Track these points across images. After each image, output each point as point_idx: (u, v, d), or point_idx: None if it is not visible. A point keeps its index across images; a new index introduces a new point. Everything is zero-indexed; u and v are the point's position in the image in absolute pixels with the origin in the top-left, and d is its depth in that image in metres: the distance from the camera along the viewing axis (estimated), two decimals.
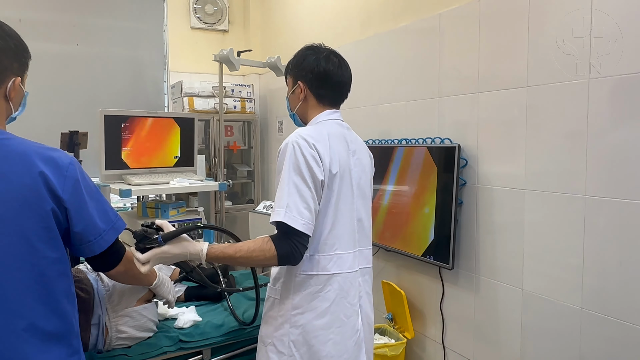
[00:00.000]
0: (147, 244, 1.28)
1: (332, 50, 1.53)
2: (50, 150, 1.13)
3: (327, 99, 1.51)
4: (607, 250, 1.59)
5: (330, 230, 1.39)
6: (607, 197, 1.57)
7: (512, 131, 1.90)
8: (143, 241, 1.28)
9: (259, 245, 1.29)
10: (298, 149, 1.33)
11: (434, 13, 2.27)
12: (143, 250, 1.28)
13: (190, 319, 1.68)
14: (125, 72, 3.91)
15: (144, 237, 1.29)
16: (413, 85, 2.41)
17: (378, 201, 2.52)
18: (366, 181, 1.53)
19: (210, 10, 4.11)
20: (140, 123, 2.49)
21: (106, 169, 2.40)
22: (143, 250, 1.28)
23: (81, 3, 3.71)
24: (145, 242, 1.28)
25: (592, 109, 1.61)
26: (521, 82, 1.85)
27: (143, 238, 1.29)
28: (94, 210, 1.17)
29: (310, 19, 3.41)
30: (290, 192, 1.30)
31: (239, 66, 3.10)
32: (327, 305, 1.38)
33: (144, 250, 1.28)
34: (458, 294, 2.19)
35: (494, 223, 2.00)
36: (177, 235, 1.30)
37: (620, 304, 1.55)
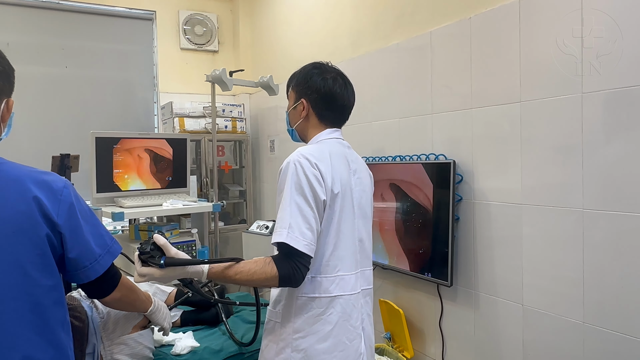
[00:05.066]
0: (149, 261, 1.25)
1: (339, 71, 1.52)
2: (44, 174, 1.10)
3: (330, 120, 1.50)
4: (606, 263, 1.58)
5: (332, 251, 1.36)
6: (604, 210, 1.58)
7: (507, 146, 1.91)
8: (145, 256, 1.25)
9: (260, 267, 1.26)
10: (300, 168, 1.31)
11: (424, 31, 2.30)
12: (144, 262, 1.25)
13: (188, 345, 1.63)
14: (115, 94, 3.89)
15: (148, 253, 1.26)
16: (406, 102, 2.42)
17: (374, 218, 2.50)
18: (367, 201, 1.52)
19: (199, 31, 4.13)
20: (132, 145, 2.47)
21: (98, 192, 2.36)
22: (144, 262, 1.25)
23: (70, 26, 3.71)
24: (148, 258, 1.25)
25: (585, 122, 1.62)
26: (514, 97, 1.87)
27: (147, 254, 1.25)
28: (89, 235, 1.14)
29: (300, 39, 3.44)
30: (293, 213, 1.28)
31: (232, 86, 3.10)
32: (330, 328, 1.35)
33: (144, 263, 1.25)
34: (457, 311, 2.17)
35: (492, 238, 1.99)
36: (180, 265, 1.27)
37: (622, 318, 1.55)
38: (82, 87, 3.72)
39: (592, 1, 1.59)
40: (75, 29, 3.72)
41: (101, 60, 3.82)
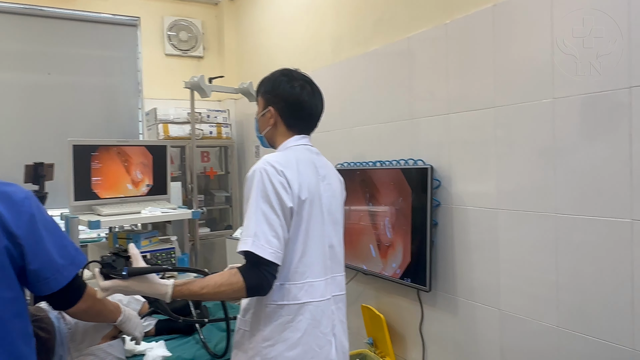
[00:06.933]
0: (111, 273, 1.23)
1: (307, 78, 1.51)
2: (5, 185, 1.09)
3: (298, 127, 1.49)
4: (579, 268, 1.59)
5: (300, 257, 1.35)
6: (577, 215, 1.58)
7: (483, 151, 1.91)
8: (107, 268, 1.23)
9: (226, 279, 1.24)
10: (266, 175, 1.31)
11: (403, 37, 2.31)
12: (106, 276, 1.23)
13: (159, 355, 1.61)
14: (99, 100, 3.87)
15: (110, 265, 1.24)
16: (385, 107, 2.43)
17: (355, 224, 2.50)
18: (337, 206, 1.51)
19: (184, 37, 4.12)
20: (111, 152, 2.45)
21: (75, 200, 2.34)
22: (106, 277, 1.23)
23: (53, 32, 3.69)
24: (109, 270, 1.23)
25: (557, 128, 1.63)
26: (489, 102, 1.88)
27: (108, 266, 1.23)
28: (51, 245, 1.12)
29: (284, 44, 3.44)
30: (258, 221, 1.27)
31: (211, 93, 3.09)
32: (299, 335, 1.34)
33: (106, 277, 1.23)
34: (437, 316, 2.17)
35: (470, 243, 1.99)
36: (143, 273, 1.25)
37: (595, 322, 1.55)
38: (65, 94, 3.70)
39: (563, 7, 1.60)
40: (58, 36, 3.70)
41: (85, 67, 3.80)
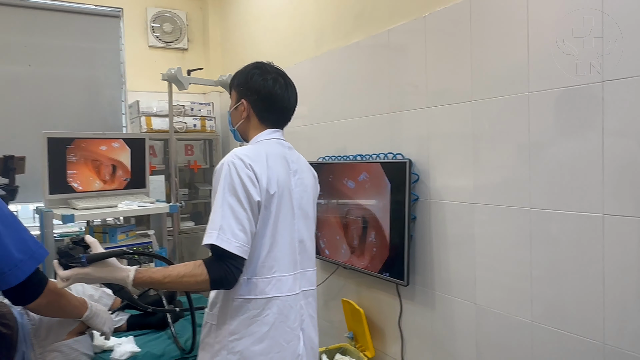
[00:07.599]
0: (69, 262, 1.20)
1: (280, 71, 1.49)
2: None
3: (270, 121, 1.48)
4: (553, 263, 1.58)
5: (268, 252, 1.34)
6: (551, 210, 1.58)
7: (460, 146, 1.90)
8: (65, 258, 1.20)
9: (190, 270, 1.23)
10: (233, 168, 1.29)
11: (383, 29, 2.28)
12: (65, 266, 1.20)
13: (128, 350, 1.59)
14: (81, 92, 3.81)
15: (67, 254, 1.21)
16: (366, 100, 2.41)
17: (334, 218, 2.49)
18: (308, 201, 1.50)
19: (168, 29, 4.07)
20: (88, 145, 2.41)
21: (50, 194, 2.30)
22: (65, 267, 1.20)
23: (33, 23, 3.62)
24: (68, 259, 1.20)
25: (532, 122, 1.62)
26: (465, 96, 1.86)
27: (66, 255, 1.21)
28: (9, 239, 1.10)
29: (268, 36, 3.40)
30: (225, 214, 1.26)
31: (188, 85, 3.05)
32: (266, 329, 1.33)
33: (66, 267, 1.20)
34: (415, 311, 2.16)
35: (447, 238, 1.98)
36: (102, 258, 1.23)
37: (568, 317, 1.54)
38: (46, 86, 3.64)
39: (539, 1, 1.58)
40: (39, 26, 3.63)
41: (66, 59, 3.74)
